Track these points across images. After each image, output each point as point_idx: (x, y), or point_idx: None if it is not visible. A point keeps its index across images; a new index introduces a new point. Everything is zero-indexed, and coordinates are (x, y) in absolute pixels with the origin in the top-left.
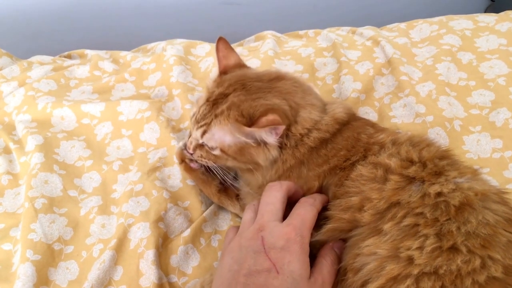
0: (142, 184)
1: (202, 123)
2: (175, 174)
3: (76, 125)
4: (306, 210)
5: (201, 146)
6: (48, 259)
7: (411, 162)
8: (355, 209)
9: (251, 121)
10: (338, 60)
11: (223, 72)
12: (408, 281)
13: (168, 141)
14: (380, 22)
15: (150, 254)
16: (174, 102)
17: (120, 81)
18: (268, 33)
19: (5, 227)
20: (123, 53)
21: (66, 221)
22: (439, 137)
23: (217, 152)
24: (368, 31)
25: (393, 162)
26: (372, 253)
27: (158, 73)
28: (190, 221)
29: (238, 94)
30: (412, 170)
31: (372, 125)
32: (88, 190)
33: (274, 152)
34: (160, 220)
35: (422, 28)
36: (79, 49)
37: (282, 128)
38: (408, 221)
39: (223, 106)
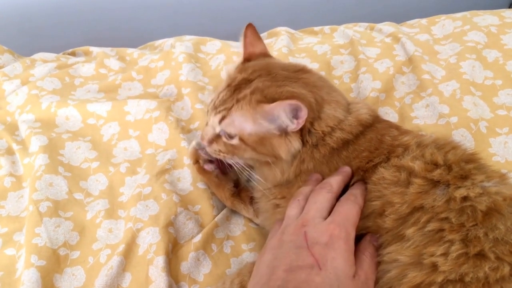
0: (151, 187)
1: (221, 108)
2: (185, 177)
3: (81, 125)
4: (349, 207)
5: (217, 137)
6: (53, 264)
7: (436, 165)
8: (376, 214)
9: None
10: (356, 57)
11: (247, 59)
12: None
13: (177, 142)
14: (399, 17)
15: (160, 261)
16: (183, 102)
17: (127, 79)
18: (282, 30)
19: (8, 231)
20: (130, 50)
21: (72, 225)
22: (464, 139)
23: (235, 141)
24: (387, 27)
25: (417, 165)
26: (393, 260)
27: (166, 71)
28: (201, 226)
29: (263, 80)
30: (436, 174)
31: (396, 127)
32: (95, 193)
33: (296, 144)
34: (170, 225)
35: (445, 24)
36: (83, 46)
37: (304, 113)
38: (432, 226)
39: (246, 91)
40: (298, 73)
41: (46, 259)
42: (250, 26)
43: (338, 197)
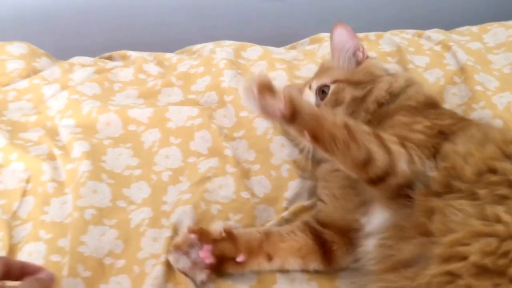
0: (191, 193)
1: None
2: (228, 185)
3: (122, 131)
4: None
5: (317, 106)
6: (99, 274)
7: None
8: (461, 157)
9: None
10: (405, 66)
11: None
12: (491, 239)
13: (221, 151)
14: (445, 24)
15: None
16: (226, 109)
17: (167, 85)
18: (326, 36)
19: (52, 238)
20: (168, 55)
21: (117, 234)
22: None
23: (332, 87)
24: (436, 34)
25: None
26: (460, 210)
27: (207, 77)
28: None
29: None
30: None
31: None
32: (137, 201)
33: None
34: None
35: (497, 32)
36: (120, 50)
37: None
38: (502, 191)
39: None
40: None
41: (92, 270)
42: (338, 26)
43: None
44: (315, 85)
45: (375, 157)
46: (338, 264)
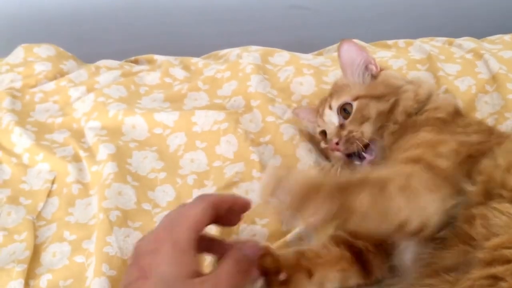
0: None
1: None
2: (254, 190)
3: (147, 135)
4: (186, 208)
5: (341, 128)
6: (123, 273)
7: None
8: (503, 170)
9: None
10: (435, 74)
11: None
12: None
13: (247, 155)
14: (477, 32)
15: None
16: (252, 114)
17: (193, 89)
18: None
19: (77, 239)
20: (194, 60)
21: (141, 236)
22: None
23: (355, 105)
24: (468, 42)
25: None
26: (505, 213)
27: (233, 82)
28: (268, 240)
29: None
30: None
31: None
32: (162, 204)
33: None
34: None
35: None
36: (147, 54)
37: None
38: None
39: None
40: None
41: (117, 269)
42: (343, 43)
43: None
44: (335, 104)
45: (408, 221)
46: (375, 275)
